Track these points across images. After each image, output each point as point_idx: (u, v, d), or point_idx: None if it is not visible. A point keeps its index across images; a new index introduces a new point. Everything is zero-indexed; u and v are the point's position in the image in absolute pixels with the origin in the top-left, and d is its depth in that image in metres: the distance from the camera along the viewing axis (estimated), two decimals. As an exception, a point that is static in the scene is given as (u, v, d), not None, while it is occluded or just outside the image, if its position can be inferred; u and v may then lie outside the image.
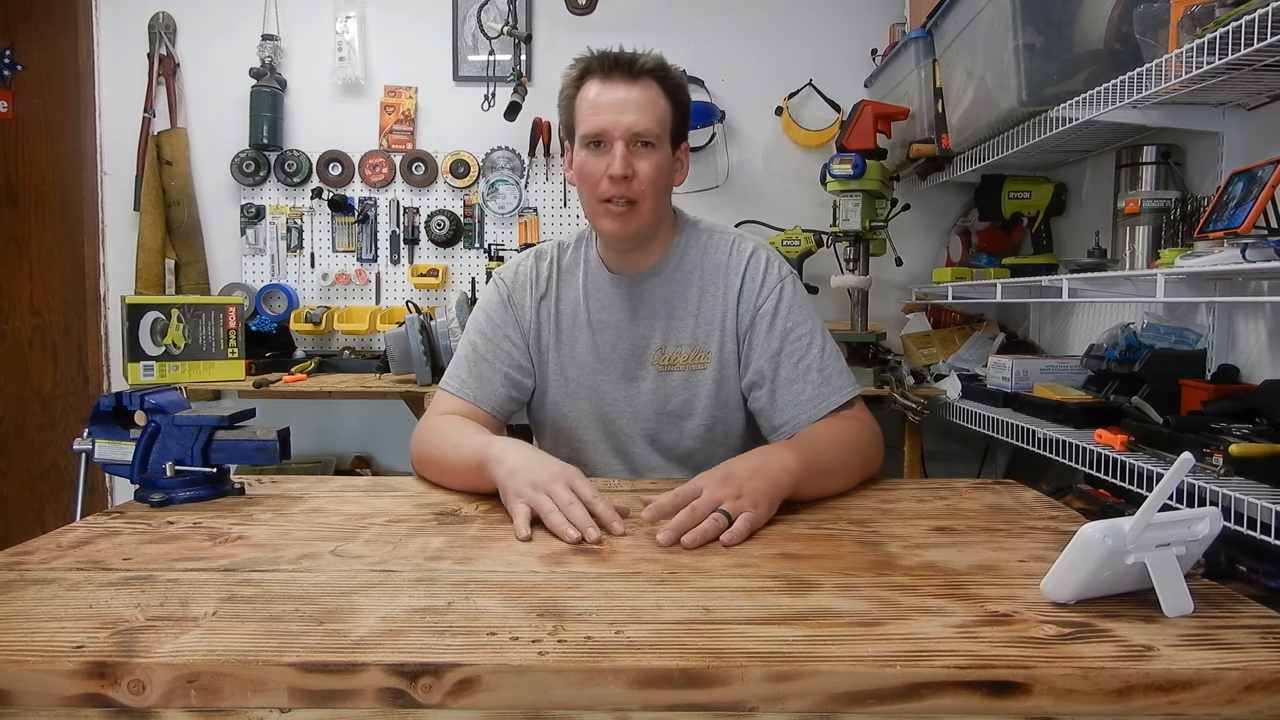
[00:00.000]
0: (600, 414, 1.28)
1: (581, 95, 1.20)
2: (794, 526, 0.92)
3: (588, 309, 1.29)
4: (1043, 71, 1.70)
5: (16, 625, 0.62)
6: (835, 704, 0.56)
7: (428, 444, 1.17)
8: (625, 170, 1.15)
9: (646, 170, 1.17)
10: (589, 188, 1.20)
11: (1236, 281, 1.46)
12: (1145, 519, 0.64)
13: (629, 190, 1.17)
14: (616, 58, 1.18)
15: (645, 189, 1.18)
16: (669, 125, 1.21)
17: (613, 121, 1.16)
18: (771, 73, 2.71)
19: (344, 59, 2.72)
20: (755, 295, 1.24)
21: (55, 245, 2.84)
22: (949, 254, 2.63)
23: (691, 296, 1.26)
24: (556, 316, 1.30)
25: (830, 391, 1.19)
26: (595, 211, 1.21)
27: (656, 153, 1.19)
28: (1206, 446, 1.20)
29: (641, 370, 1.27)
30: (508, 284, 1.32)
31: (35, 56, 2.82)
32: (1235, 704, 0.55)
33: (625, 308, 1.27)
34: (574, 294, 1.30)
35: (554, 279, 1.31)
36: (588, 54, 1.21)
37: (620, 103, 1.16)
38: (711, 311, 1.26)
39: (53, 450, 2.90)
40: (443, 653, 0.58)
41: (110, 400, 1.02)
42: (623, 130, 1.16)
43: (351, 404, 2.78)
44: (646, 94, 1.18)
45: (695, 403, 1.26)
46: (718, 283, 1.26)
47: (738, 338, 1.25)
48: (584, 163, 1.20)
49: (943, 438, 2.55)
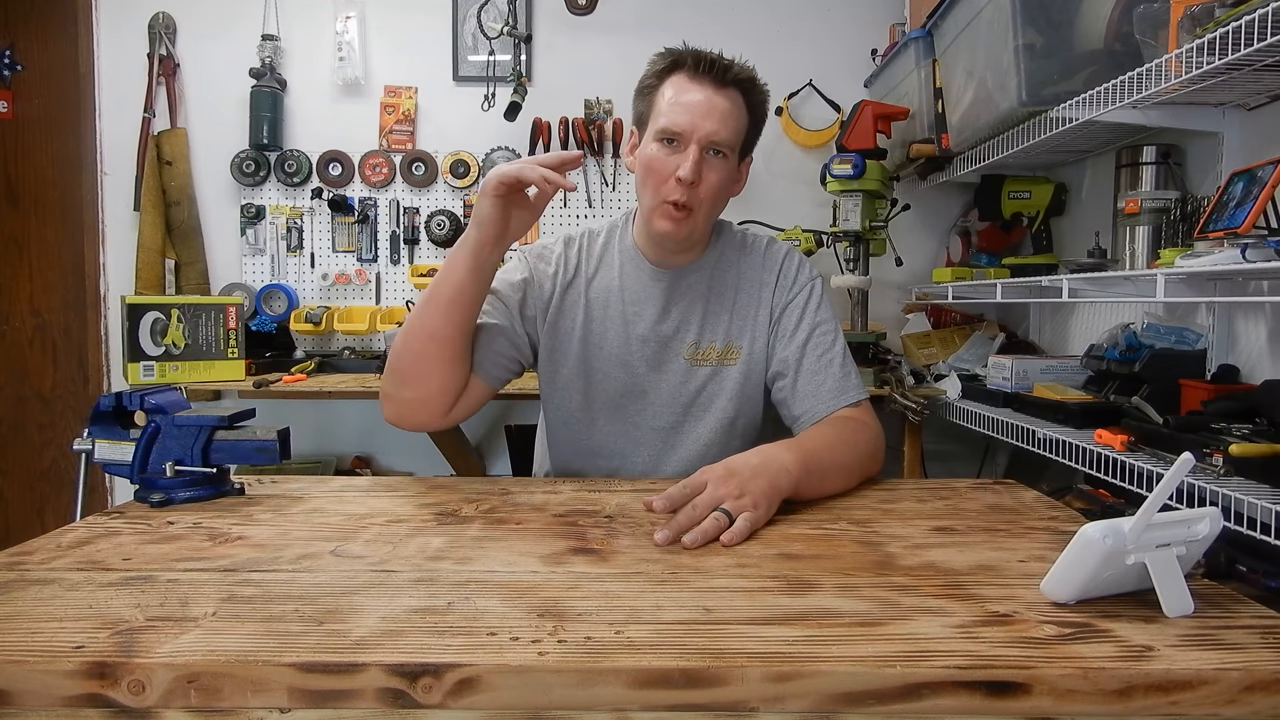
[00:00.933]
0: (623, 403, 1.29)
1: (665, 87, 1.19)
2: (794, 526, 0.92)
3: (623, 298, 1.29)
4: (1043, 71, 1.70)
5: (16, 625, 0.62)
6: (835, 704, 0.56)
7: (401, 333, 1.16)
8: (694, 177, 1.15)
9: (713, 181, 1.18)
10: (653, 183, 1.19)
11: (1236, 281, 1.46)
12: (1145, 519, 0.64)
13: (691, 196, 1.17)
14: (711, 60, 1.18)
15: (706, 198, 1.18)
16: (744, 137, 1.22)
17: (692, 125, 1.15)
18: (771, 73, 2.66)
19: (344, 59, 2.72)
20: (788, 290, 1.29)
21: (55, 245, 2.84)
22: (949, 254, 2.63)
23: (728, 294, 1.30)
24: (586, 303, 1.29)
25: (849, 387, 1.23)
26: (653, 208, 1.20)
27: (726, 164, 1.19)
28: (1206, 446, 1.20)
29: (672, 363, 1.28)
30: (530, 261, 1.30)
31: (35, 56, 2.82)
32: (1235, 704, 0.55)
33: (662, 300, 1.28)
34: (608, 282, 1.29)
35: (584, 265, 1.31)
36: (680, 47, 1.20)
37: (704, 107, 1.16)
38: (746, 308, 1.29)
39: (53, 450, 2.90)
40: (443, 653, 0.58)
41: (110, 400, 1.02)
42: (701, 135, 1.15)
43: (351, 404, 2.77)
44: (731, 103, 1.18)
45: (720, 396, 1.28)
46: (754, 280, 1.30)
47: (768, 330, 1.29)
48: (654, 157, 1.19)
49: (943, 438, 2.55)
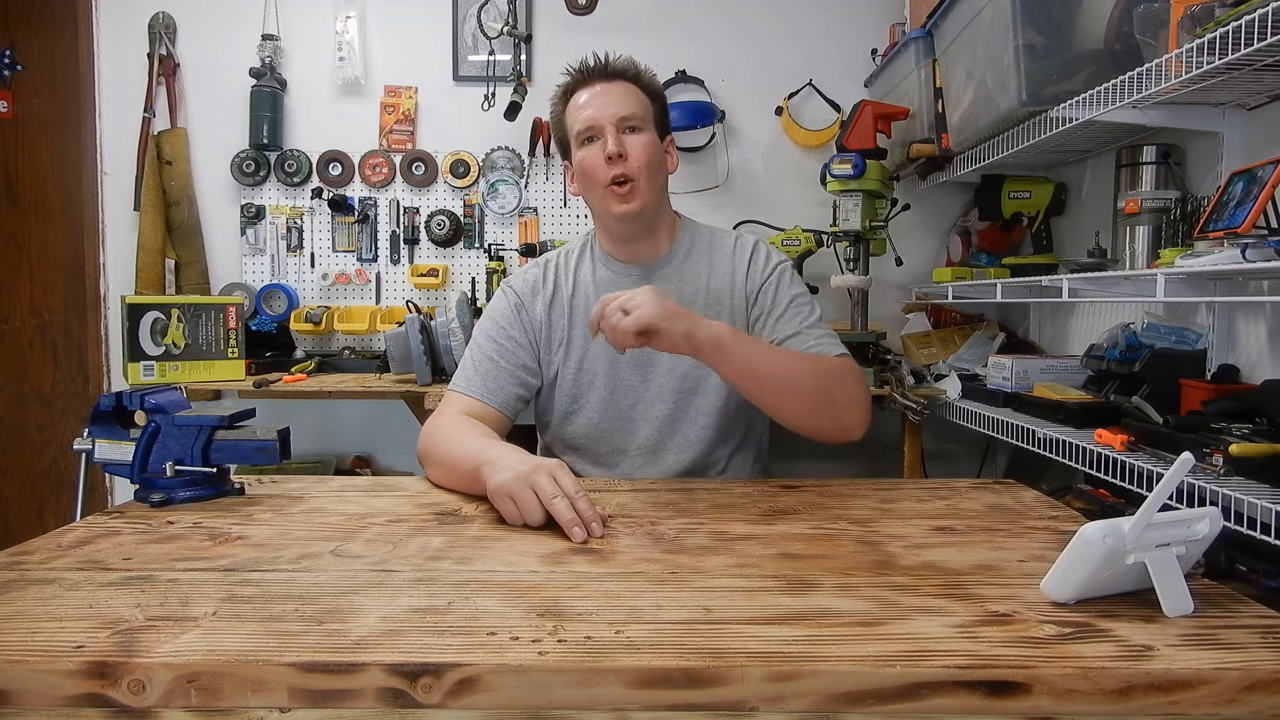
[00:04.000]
0: (617, 403, 1.33)
1: (570, 105, 1.33)
2: (794, 526, 0.92)
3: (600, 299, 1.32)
4: (1043, 71, 1.69)
5: (17, 625, 0.62)
6: (835, 704, 0.56)
7: (434, 445, 1.18)
8: (619, 148, 1.26)
9: (638, 148, 1.28)
10: (591, 179, 1.29)
11: (1236, 281, 1.45)
12: (1145, 519, 0.64)
13: (626, 168, 1.27)
14: (590, 66, 1.32)
15: (640, 165, 1.27)
16: (651, 113, 1.33)
17: (598, 114, 1.28)
18: (771, 73, 2.71)
19: (344, 59, 2.72)
20: (760, 275, 1.35)
21: (55, 245, 2.84)
22: (949, 254, 2.63)
23: (700, 283, 1.35)
24: (569, 315, 1.35)
25: (833, 346, 1.28)
26: (602, 201, 1.30)
27: (644, 134, 1.29)
28: (1206, 446, 1.20)
29: (654, 356, 1.32)
30: (516, 291, 1.38)
31: (35, 56, 2.82)
32: (1235, 704, 0.55)
33: None
34: (585, 289, 1.36)
35: (562, 281, 1.38)
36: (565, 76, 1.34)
37: (602, 97, 1.29)
38: (719, 292, 1.35)
39: (53, 450, 2.89)
40: (443, 653, 0.58)
41: (110, 400, 1.02)
42: (609, 117, 1.27)
43: (351, 404, 2.77)
44: (624, 88, 1.31)
45: (710, 377, 1.31)
46: (725, 269, 1.36)
47: (746, 312, 1.35)
48: (583, 159, 1.30)
49: (943, 438, 2.55)
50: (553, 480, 0.92)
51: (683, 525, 0.92)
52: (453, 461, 1.10)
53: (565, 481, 0.92)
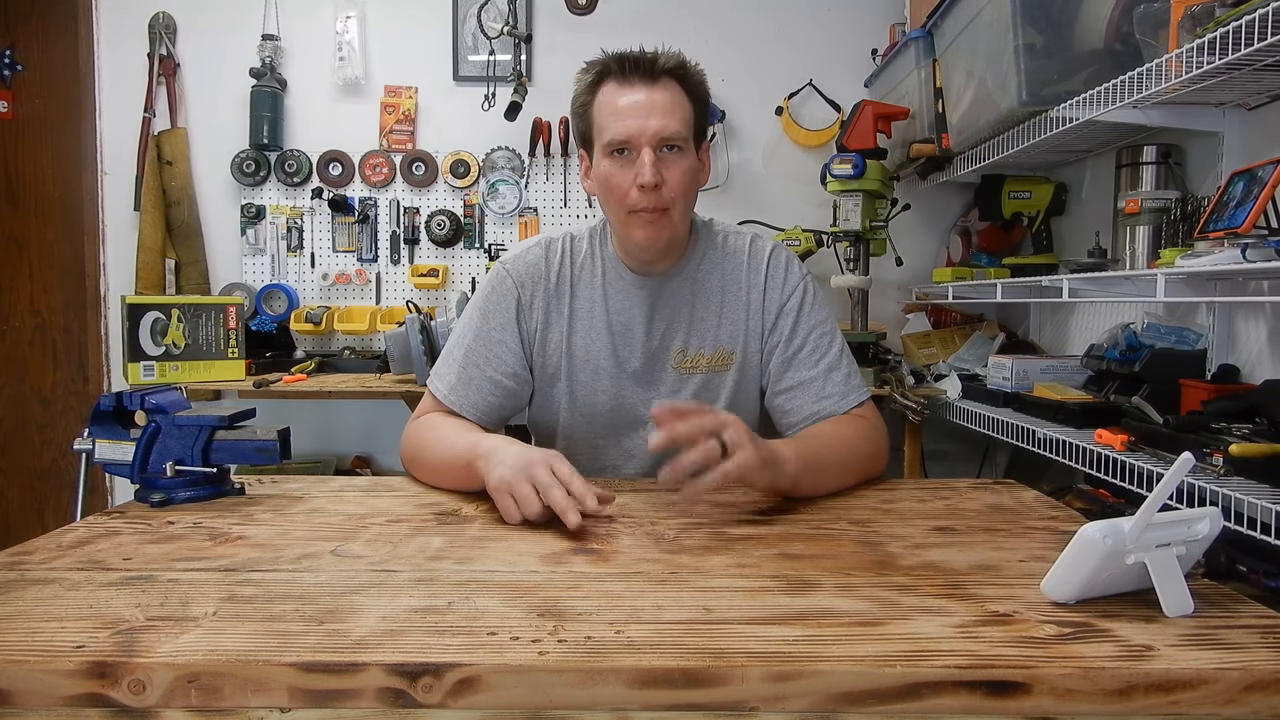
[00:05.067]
0: (616, 418, 1.26)
1: (599, 100, 1.14)
2: (794, 526, 0.92)
3: (607, 310, 1.24)
4: (1043, 71, 1.70)
5: (17, 625, 0.62)
6: (835, 704, 0.56)
7: (421, 446, 1.15)
8: (656, 179, 1.10)
9: (677, 177, 1.12)
10: (616, 199, 1.14)
11: (1237, 281, 1.45)
12: (1145, 519, 0.64)
13: (659, 199, 1.12)
14: (635, 59, 1.12)
15: (676, 196, 1.13)
16: (693, 124, 1.16)
17: (638, 127, 1.10)
18: (771, 73, 2.71)
19: (344, 59, 2.72)
20: (779, 293, 1.24)
21: (55, 245, 2.84)
22: (949, 254, 2.63)
23: (714, 298, 1.25)
24: (570, 315, 1.24)
25: (850, 390, 1.21)
26: (625, 222, 1.16)
27: (685, 157, 1.14)
28: (1206, 446, 1.20)
29: (661, 373, 1.25)
30: (514, 278, 1.24)
31: (35, 56, 2.82)
32: (1235, 704, 0.55)
33: (646, 309, 1.23)
34: (591, 293, 1.25)
35: (566, 274, 1.25)
36: (601, 55, 1.15)
37: (644, 106, 1.10)
38: (735, 312, 1.24)
39: (53, 450, 2.90)
40: (443, 653, 0.58)
41: (110, 400, 1.02)
42: (649, 136, 1.10)
43: (351, 404, 2.77)
44: (669, 95, 1.12)
45: (715, 404, 1.23)
46: (740, 282, 1.25)
47: (762, 335, 1.25)
48: (609, 174, 1.14)
49: (943, 438, 2.55)
50: (549, 470, 0.91)
51: (683, 525, 0.92)
52: (444, 460, 1.08)
53: (561, 469, 0.92)
